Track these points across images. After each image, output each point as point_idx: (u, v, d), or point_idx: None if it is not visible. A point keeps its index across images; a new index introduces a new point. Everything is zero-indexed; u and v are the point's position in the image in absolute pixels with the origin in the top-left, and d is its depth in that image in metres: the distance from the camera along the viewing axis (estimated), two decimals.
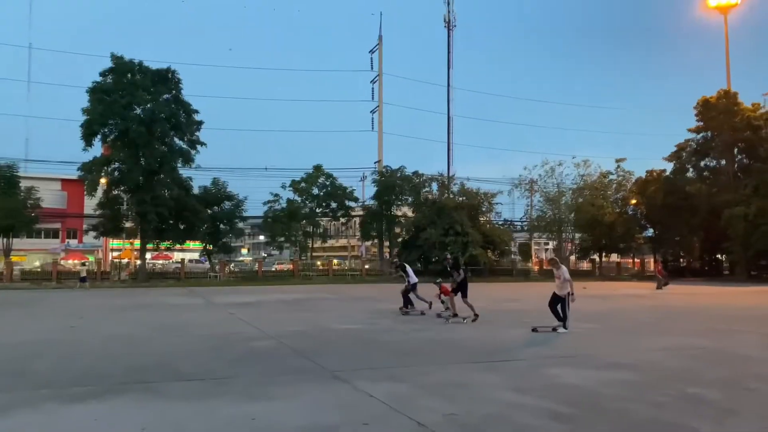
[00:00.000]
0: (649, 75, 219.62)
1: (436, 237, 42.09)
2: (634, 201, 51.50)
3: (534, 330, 12.08)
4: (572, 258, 55.49)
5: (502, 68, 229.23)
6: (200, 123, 40.01)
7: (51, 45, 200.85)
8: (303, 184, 48.42)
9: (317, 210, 49.26)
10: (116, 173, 38.66)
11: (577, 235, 53.74)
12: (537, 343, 10.81)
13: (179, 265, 46.41)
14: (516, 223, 57.80)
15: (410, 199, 48.81)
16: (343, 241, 68.41)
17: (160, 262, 55.85)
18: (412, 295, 16.21)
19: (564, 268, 12.64)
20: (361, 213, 51.94)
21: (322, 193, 48.99)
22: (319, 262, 55.60)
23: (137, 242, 42.42)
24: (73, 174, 41.80)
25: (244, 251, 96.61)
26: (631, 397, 6.52)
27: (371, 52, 57.53)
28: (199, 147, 40.10)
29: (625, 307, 19.99)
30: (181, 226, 40.93)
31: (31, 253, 57.90)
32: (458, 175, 54.37)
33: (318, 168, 48.93)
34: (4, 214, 38.18)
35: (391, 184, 47.51)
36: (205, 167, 44.18)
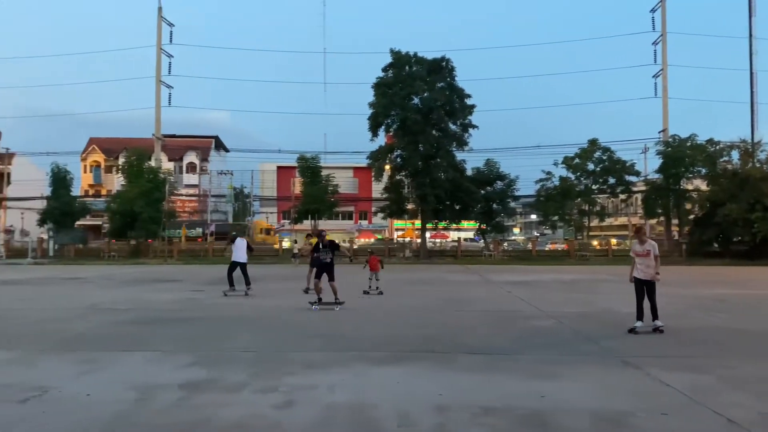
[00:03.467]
0: None
1: (739, 213, 36.52)
2: None
3: (632, 331, 9.26)
4: None
5: None
6: (472, 107, 41.26)
7: (341, 48, 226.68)
8: (577, 160, 46.39)
9: (593, 186, 46.81)
10: (398, 160, 42.15)
11: None
12: None
13: (455, 244, 48.92)
14: None
15: (703, 170, 43.20)
16: (622, 219, 63.76)
17: (438, 240, 59.42)
18: (237, 273, 15.70)
19: (651, 241, 9.50)
20: (643, 188, 47.81)
21: (598, 169, 46.34)
22: (595, 242, 52.94)
23: (418, 222, 45.75)
24: (362, 162, 47.23)
25: (516, 230, 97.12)
26: None
27: (652, 11, 52.10)
28: (470, 130, 41.60)
29: None
30: (457, 207, 42.87)
31: (331, 233, 66.88)
32: (766, 140, 46.23)
33: (593, 142, 46.38)
34: (311, 199, 44.70)
35: (680, 154, 42.58)
36: (477, 149, 45.65)
